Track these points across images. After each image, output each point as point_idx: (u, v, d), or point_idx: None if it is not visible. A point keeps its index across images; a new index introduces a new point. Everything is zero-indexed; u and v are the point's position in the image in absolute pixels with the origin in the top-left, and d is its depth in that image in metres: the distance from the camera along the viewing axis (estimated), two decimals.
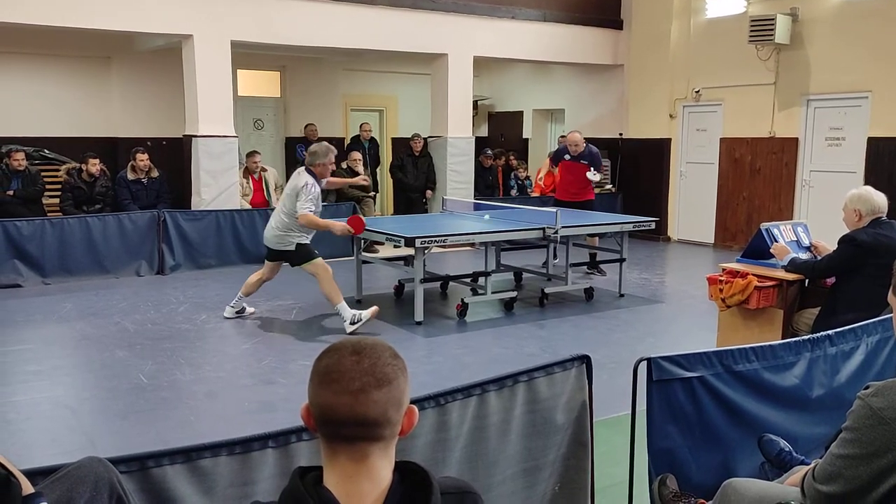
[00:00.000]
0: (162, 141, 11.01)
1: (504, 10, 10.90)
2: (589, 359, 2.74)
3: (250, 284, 6.53)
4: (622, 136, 12.28)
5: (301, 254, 6.15)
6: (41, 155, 10.28)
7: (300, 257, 6.16)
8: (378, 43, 10.07)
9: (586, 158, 8.83)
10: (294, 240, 6.12)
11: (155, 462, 1.94)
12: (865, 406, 1.86)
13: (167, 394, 4.78)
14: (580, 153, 8.83)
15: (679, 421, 2.82)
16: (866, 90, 9.38)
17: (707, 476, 2.86)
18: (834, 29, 9.60)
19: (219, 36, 9.02)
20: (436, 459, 2.36)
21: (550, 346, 5.95)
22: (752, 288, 4.68)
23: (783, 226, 5.13)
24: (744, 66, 10.48)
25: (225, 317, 6.59)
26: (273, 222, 6.24)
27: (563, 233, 7.03)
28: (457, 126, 10.88)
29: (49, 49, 10.47)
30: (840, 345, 3.21)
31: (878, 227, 4.34)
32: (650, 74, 11.79)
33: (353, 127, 13.07)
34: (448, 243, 7.14)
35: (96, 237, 8.20)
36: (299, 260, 6.17)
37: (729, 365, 2.90)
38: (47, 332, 6.21)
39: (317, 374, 1.32)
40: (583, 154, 8.82)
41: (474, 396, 2.47)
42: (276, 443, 2.09)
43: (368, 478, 1.29)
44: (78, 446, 3.87)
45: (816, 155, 10.09)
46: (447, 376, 4.95)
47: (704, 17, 11.11)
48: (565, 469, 2.73)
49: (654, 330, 6.64)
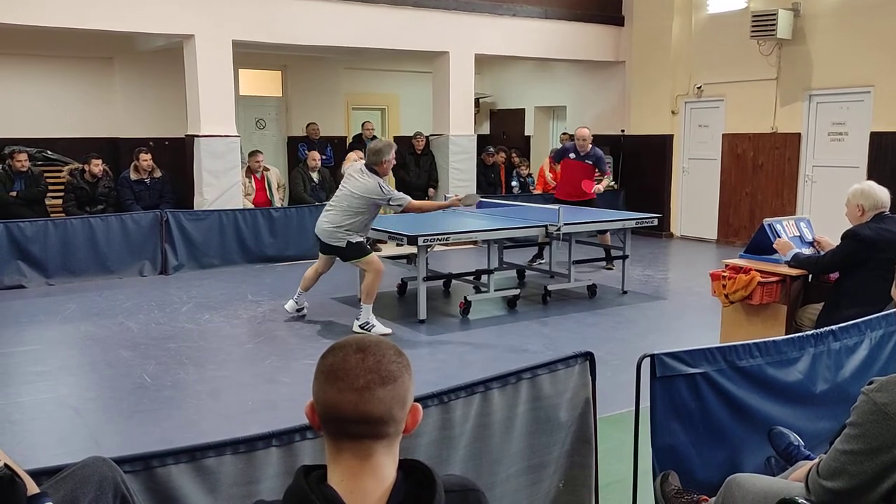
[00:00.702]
0: (164, 141, 11.03)
1: (505, 8, 10.89)
2: (592, 356, 2.74)
3: (308, 279, 6.55)
4: (624, 132, 12.26)
5: (353, 250, 6.13)
6: (44, 156, 10.30)
7: (353, 253, 6.16)
8: (379, 41, 10.07)
9: (591, 159, 8.70)
10: (345, 237, 6.09)
11: (159, 462, 1.95)
12: (869, 401, 1.86)
13: (171, 393, 4.79)
14: (586, 153, 8.70)
15: (682, 417, 2.81)
16: (868, 85, 9.36)
17: (711, 472, 2.86)
18: (836, 24, 9.58)
19: (220, 36, 9.03)
20: (440, 457, 2.36)
21: (554, 343, 5.95)
22: (756, 284, 4.67)
23: (786, 221, 5.12)
24: (746, 62, 10.46)
25: (286, 309, 6.59)
26: (326, 218, 6.20)
27: (565, 230, 7.03)
28: (458, 124, 10.88)
29: (51, 50, 10.49)
30: (844, 340, 3.20)
31: (882, 222, 4.33)
32: (652, 71, 11.77)
33: (354, 126, 13.08)
34: (451, 241, 7.14)
35: (99, 238, 8.21)
36: (352, 256, 6.18)
37: (732, 361, 2.89)
38: (51, 333, 6.22)
39: (321, 372, 1.33)
40: (589, 154, 8.70)
41: (478, 394, 2.46)
42: (279, 441, 2.09)
43: (372, 475, 1.30)
44: (82, 446, 3.88)
45: (819, 150, 10.08)
46: (451, 374, 4.95)
47: (706, 12, 11.09)
48: (569, 466, 2.73)
49: (658, 326, 6.63)
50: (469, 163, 11.05)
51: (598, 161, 8.77)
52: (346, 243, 6.10)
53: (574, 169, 8.84)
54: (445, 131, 10.85)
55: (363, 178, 6.05)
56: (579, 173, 8.77)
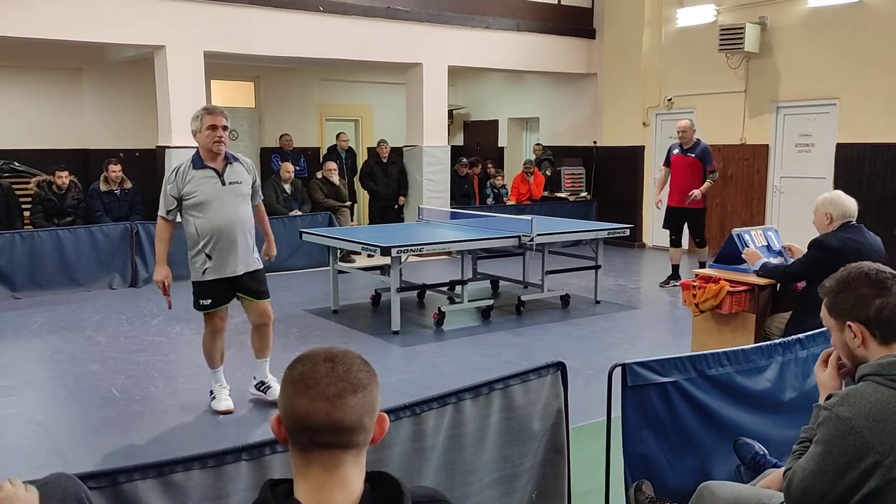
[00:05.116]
0: (135, 152, 10.91)
1: (478, 20, 10.96)
2: (564, 365, 2.75)
3: None
4: (596, 143, 12.37)
5: None
6: (11, 168, 10.13)
7: None
8: (352, 53, 10.07)
9: (696, 152, 8.00)
10: None
11: (126, 477, 1.91)
12: (834, 416, 1.87)
13: (140, 407, 4.72)
14: (691, 146, 8.00)
15: (654, 426, 2.83)
16: (834, 97, 9.54)
17: (683, 480, 2.88)
18: (802, 37, 9.76)
19: (191, 46, 8.97)
20: (412, 469, 2.35)
21: (527, 353, 5.96)
22: (725, 293, 4.73)
23: (754, 231, 5.20)
24: (714, 75, 10.62)
25: None
26: None
27: (538, 240, 7.06)
28: (432, 135, 10.90)
29: (20, 61, 10.34)
30: (811, 348, 3.24)
31: (847, 232, 4.40)
32: (623, 83, 11.90)
33: (328, 137, 13.04)
34: (424, 252, 7.13)
35: (68, 250, 8.09)
36: None
37: (702, 369, 2.92)
38: (18, 347, 6.10)
39: (290, 383, 1.32)
40: (693, 147, 8.00)
41: (450, 405, 2.46)
42: (249, 455, 2.07)
43: (340, 488, 1.29)
44: (48, 462, 3.81)
45: (787, 161, 10.24)
46: (424, 385, 4.94)
47: (675, 26, 11.25)
48: (542, 476, 2.73)
49: (630, 336, 6.67)
50: (443, 174, 11.07)
51: (704, 155, 8.01)
52: None
53: (681, 167, 8.17)
54: (419, 142, 10.87)
55: None
56: (686, 171, 8.11)
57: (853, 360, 2.06)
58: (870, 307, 1.99)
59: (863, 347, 2.02)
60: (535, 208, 10.96)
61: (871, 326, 2.00)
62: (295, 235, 7.73)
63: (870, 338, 2.00)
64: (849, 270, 2.08)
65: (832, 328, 2.10)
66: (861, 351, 2.02)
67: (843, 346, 2.08)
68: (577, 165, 12.45)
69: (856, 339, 2.02)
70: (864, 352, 2.02)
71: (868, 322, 2.00)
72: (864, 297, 2.01)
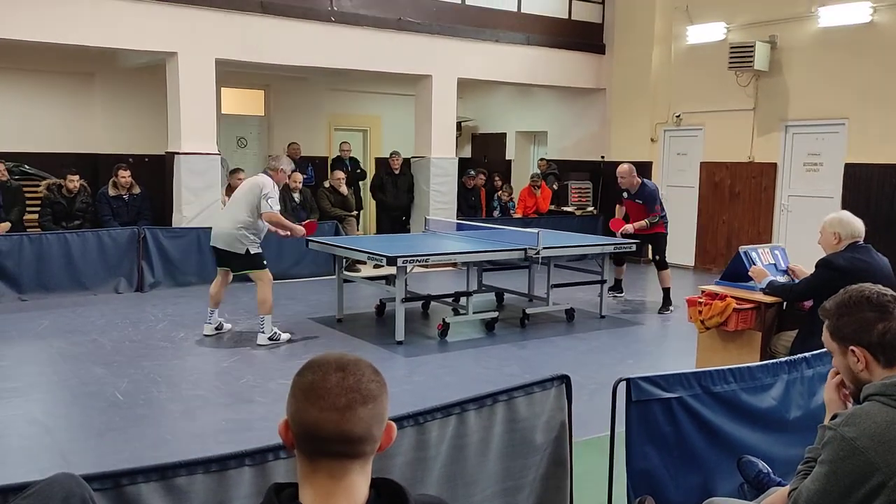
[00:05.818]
0: (144, 158, 10.96)
1: (488, 34, 11.00)
2: (568, 379, 2.75)
3: (215, 294, 6.56)
4: (604, 158, 12.38)
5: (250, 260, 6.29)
6: (21, 170, 10.19)
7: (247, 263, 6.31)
8: (363, 63, 10.12)
9: (641, 197, 8.09)
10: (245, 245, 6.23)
11: (129, 480, 1.92)
12: (838, 437, 1.86)
13: (143, 412, 4.73)
14: (636, 191, 8.09)
15: (658, 442, 2.82)
16: (843, 117, 9.54)
17: (686, 497, 2.87)
18: (811, 57, 9.78)
19: (203, 54, 9.03)
20: (415, 478, 2.35)
21: (531, 366, 5.94)
22: (731, 310, 4.71)
23: (761, 249, 5.18)
24: (724, 92, 10.63)
25: (205, 335, 6.53)
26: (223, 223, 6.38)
27: (544, 254, 7.06)
28: (440, 147, 10.93)
29: (32, 65, 10.42)
30: (817, 367, 3.23)
31: (855, 252, 4.38)
32: (632, 99, 11.92)
33: (337, 146, 13.09)
34: (430, 263, 7.13)
35: (75, 253, 8.11)
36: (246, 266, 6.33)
37: (707, 386, 2.91)
38: (23, 349, 6.12)
39: (300, 391, 1.31)
40: (639, 192, 8.09)
41: (454, 415, 2.46)
42: (252, 461, 2.07)
43: (346, 496, 1.29)
44: (51, 464, 3.81)
45: (794, 180, 10.23)
46: (428, 396, 4.93)
47: (685, 43, 11.27)
48: (544, 489, 2.72)
49: (635, 351, 6.65)
50: (450, 185, 11.09)
51: (646, 200, 8.06)
52: (246, 251, 6.23)
53: (632, 209, 8.27)
54: (427, 153, 10.89)
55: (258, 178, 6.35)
56: (638, 213, 8.15)
57: (856, 383, 2.04)
58: (872, 331, 1.98)
59: (866, 371, 2.01)
60: (541, 222, 10.96)
61: (874, 351, 1.99)
62: (301, 243, 7.75)
63: (873, 362, 1.99)
64: (849, 293, 2.06)
65: (834, 352, 2.09)
66: (865, 374, 2.01)
67: (847, 369, 2.06)
68: (584, 180, 12.46)
69: (859, 363, 2.01)
70: (868, 375, 2.00)
71: (871, 346, 1.99)
72: (866, 321, 1.99)
